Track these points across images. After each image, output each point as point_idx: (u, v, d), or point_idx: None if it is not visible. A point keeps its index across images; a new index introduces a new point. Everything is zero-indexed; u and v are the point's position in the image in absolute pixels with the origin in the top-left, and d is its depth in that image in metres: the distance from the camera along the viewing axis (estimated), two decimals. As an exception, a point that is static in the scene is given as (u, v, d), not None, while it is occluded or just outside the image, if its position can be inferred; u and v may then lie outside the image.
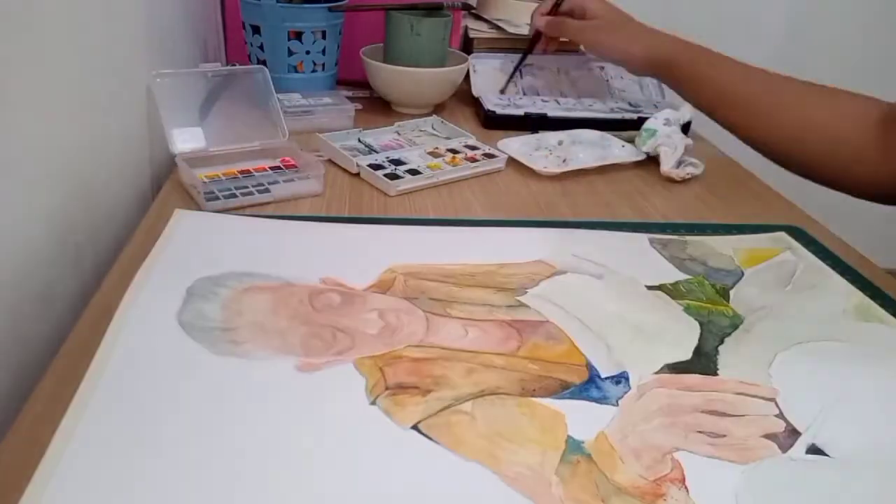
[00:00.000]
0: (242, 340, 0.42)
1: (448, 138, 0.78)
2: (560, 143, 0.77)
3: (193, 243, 0.52)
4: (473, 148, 0.75)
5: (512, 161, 0.74)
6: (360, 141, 0.74)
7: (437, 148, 0.74)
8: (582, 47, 0.96)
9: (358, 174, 0.68)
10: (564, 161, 0.73)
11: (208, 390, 0.38)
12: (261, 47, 0.85)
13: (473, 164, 0.71)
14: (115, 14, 0.60)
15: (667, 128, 0.78)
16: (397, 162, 0.69)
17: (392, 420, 0.38)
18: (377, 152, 0.71)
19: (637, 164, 0.76)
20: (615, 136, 0.80)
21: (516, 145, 0.76)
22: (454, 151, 0.74)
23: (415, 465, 0.35)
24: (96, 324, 0.43)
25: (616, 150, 0.77)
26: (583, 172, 0.73)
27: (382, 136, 0.77)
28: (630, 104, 0.92)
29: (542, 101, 0.91)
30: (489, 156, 0.73)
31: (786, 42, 1.75)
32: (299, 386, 0.40)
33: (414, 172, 0.67)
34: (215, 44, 0.96)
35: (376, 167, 0.67)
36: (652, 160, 0.76)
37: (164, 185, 0.63)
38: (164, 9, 0.74)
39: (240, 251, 0.52)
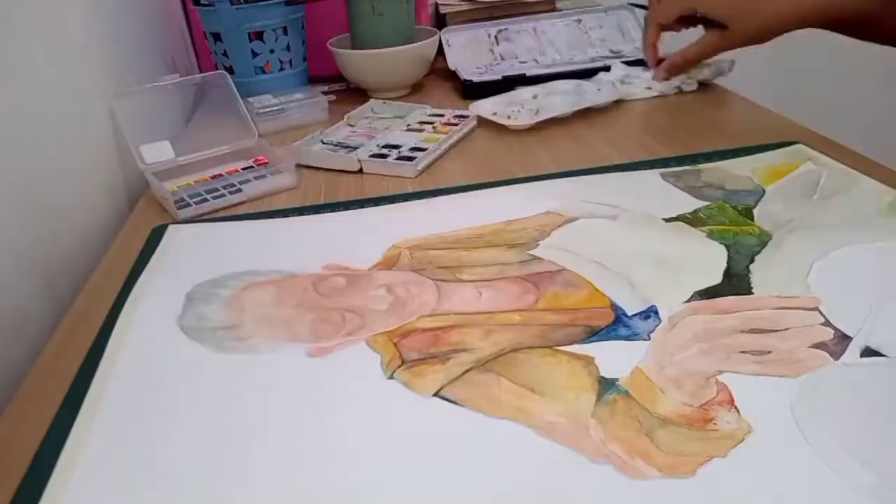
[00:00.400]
0: (247, 336, 0.40)
1: (402, 116, 0.75)
2: (534, 96, 0.74)
3: (189, 253, 0.51)
4: (440, 115, 0.74)
5: (491, 124, 0.71)
6: (323, 143, 0.70)
7: (409, 125, 0.72)
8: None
9: (360, 170, 0.64)
10: (537, 112, 0.70)
11: (217, 391, 0.36)
12: (224, 54, 0.84)
13: (457, 128, 0.69)
14: (72, 41, 0.59)
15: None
16: (392, 146, 0.67)
17: (412, 391, 0.35)
18: (352, 147, 0.67)
19: (617, 107, 0.73)
20: (591, 81, 0.77)
21: (488, 106, 0.73)
22: (428, 123, 0.72)
23: (442, 431, 0.33)
24: (66, 343, 0.42)
25: (591, 94, 0.74)
26: (562, 121, 0.70)
27: (339, 132, 0.72)
28: (612, 51, 0.89)
29: (520, 62, 0.89)
30: (460, 117, 0.72)
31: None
32: (312, 371, 0.37)
33: (417, 150, 0.65)
34: (184, 57, 0.95)
35: (378, 157, 0.65)
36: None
37: (139, 202, 0.62)
38: (122, 30, 0.72)
39: (237, 254, 0.50)
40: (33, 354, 0.42)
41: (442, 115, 0.74)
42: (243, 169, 0.65)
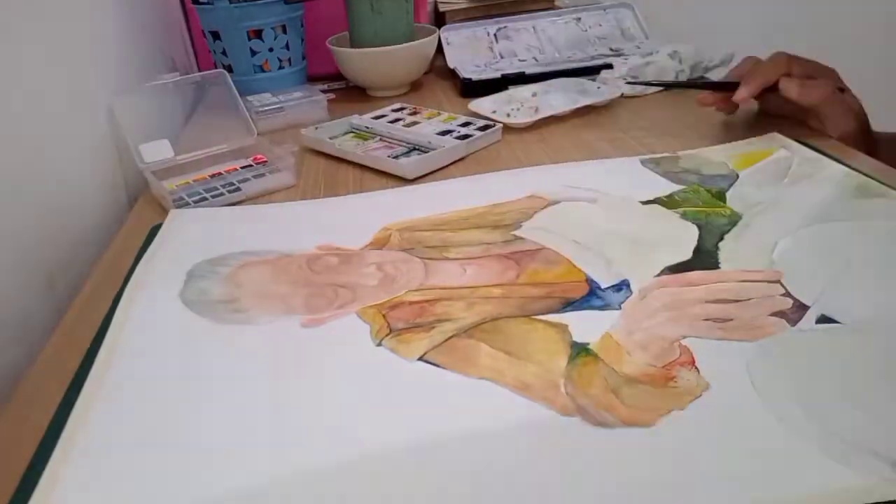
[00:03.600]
0: (245, 308, 0.43)
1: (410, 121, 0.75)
2: (534, 94, 0.76)
3: (190, 235, 0.53)
4: (395, 112, 0.76)
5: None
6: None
7: (405, 123, 0.73)
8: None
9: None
10: (537, 111, 0.72)
11: (218, 356, 0.39)
12: (223, 52, 0.85)
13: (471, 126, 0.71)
14: (71, 40, 0.61)
15: (669, 60, 0.78)
16: (445, 132, 0.69)
17: (399, 356, 0.38)
18: (418, 147, 0.68)
19: (618, 103, 0.75)
20: (591, 79, 0.80)
21: (487, 104, 0.75)
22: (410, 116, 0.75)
23: (425, 391, 0.35)
24: (65, 342, 0.42)
25: (592, 92, 0.76)
26: (561, 119, 0.72)
27: (378, 150, 0.69)
28: (611, 49, 0.91)
29: (520, 60, 0.91)
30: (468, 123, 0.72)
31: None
32: (306, 339, 0.40)
33: (465, 125, 0.70)
34: (183, 56, 0.96)
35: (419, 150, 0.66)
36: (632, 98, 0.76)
37: (139, 200, 0.63)
38: (121, 29, 0.74)
39: (235, 236, 0.53)
40: (33, 354, 0.42)
41: (402, 110, 0.76)
42: (242, 168, 0.66)
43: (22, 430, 0.35)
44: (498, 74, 0.84)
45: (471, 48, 0.94)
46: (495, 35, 0.95)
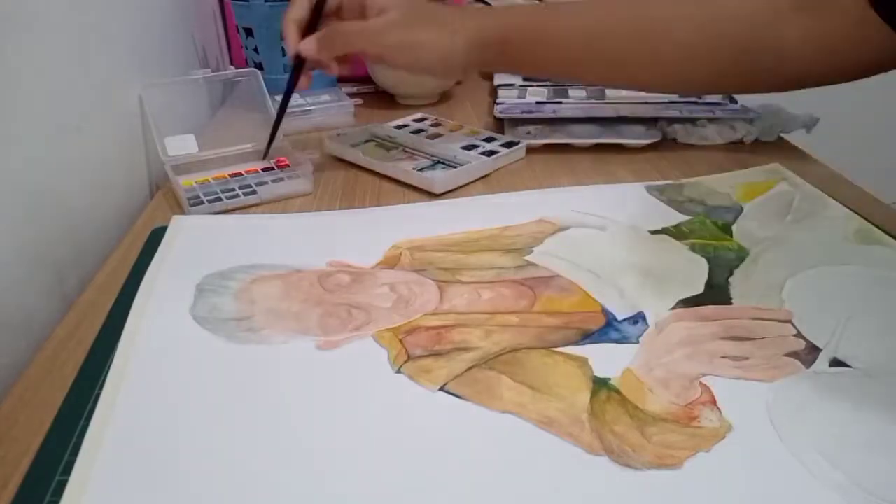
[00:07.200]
0: (259, 327, 0.42)
1: (433, 132, 0.75)
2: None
3: (195, 244, 0.52)
4: (404, 125, 0.76)
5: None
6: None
7: (425, 135, 0.73)
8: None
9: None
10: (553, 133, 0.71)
11: (234, 378, 0.38)
12: (255, 50, 0.85)
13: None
14: (101, 30, 0.60)
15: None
16: (471, 147, 0.68)
17: (419, 384, 0.38)
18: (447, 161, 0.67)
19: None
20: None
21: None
22: (421, 130, 0.75)
23: (447, 423, 0.35)
24: (71, 334, 0.43)
25: (628, 133, 0.70)
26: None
27: (402, 163, 0.68)
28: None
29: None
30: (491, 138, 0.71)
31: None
32: (322, 364, 0.40)
33: (488, 141, 0.70)
34: (216, 51, 0.95)
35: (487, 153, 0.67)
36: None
37: (157, 195, 0.63)
38: (153, 20, 0.73)
39: (242, 247, 0.52)
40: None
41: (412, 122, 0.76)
42: (263, 170, 0.65)
43: (31, 421, 0.36)
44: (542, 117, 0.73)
45: (519, 93, 0.80)
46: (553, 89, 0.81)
